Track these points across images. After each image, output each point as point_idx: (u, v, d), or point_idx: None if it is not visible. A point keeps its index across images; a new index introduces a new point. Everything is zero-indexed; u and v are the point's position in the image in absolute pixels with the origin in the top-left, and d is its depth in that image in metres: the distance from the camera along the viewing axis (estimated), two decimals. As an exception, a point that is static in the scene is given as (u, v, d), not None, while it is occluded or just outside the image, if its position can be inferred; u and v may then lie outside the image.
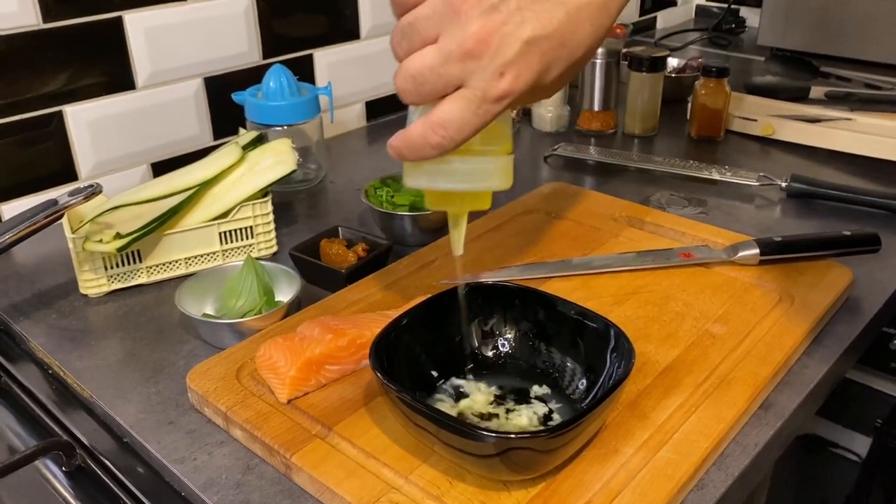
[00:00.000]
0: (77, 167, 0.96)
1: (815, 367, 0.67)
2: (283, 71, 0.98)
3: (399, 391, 0.52)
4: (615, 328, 0.57)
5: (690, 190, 1.02)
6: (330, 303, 0.74)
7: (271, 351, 0.62)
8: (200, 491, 0.55)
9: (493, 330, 0.64)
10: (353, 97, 1.24)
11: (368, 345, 0.63)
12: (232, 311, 0.73)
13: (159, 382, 0.67)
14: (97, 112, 0.96)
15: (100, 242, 0.74)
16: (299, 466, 0.55)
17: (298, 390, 0.61)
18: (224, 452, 0.59)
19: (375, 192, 0.90)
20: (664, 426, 0.57)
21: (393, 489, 0.52)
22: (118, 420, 0.63)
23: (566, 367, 0.61)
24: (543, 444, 0.50)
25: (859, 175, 1.06)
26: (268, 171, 0.83)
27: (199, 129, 1.06)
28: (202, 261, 0.82)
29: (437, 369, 0.62)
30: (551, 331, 0.62)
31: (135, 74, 0.97)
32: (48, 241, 0.89)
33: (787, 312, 0.71)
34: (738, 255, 0.77)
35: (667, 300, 0.73)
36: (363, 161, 1.15)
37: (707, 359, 0.65)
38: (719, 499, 0.54)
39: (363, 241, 0.83)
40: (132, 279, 0.80)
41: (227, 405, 0.60)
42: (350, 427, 0.58)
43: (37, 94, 0.90)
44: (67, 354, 0.71)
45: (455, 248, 0.61)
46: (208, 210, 0.81)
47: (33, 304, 0.79)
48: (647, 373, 0.63)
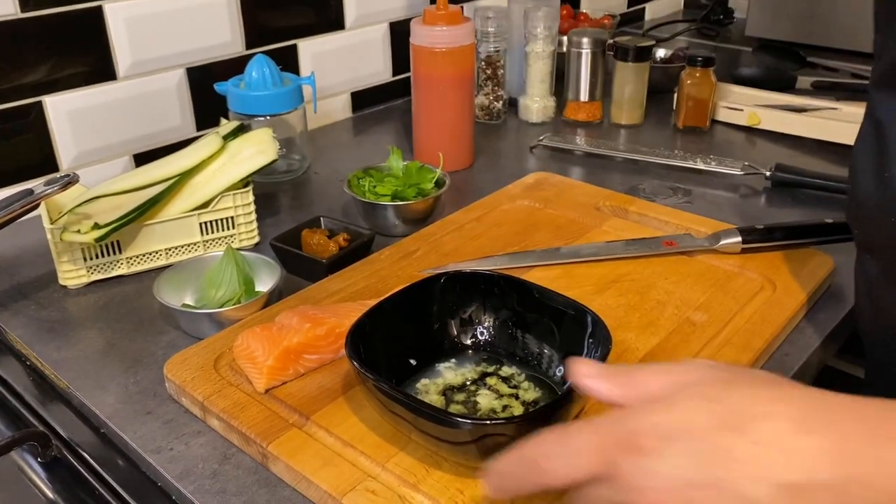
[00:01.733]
0: (58, 158, 0.95)
1: (796, 354, 0.67)
2: (266, 61, 0.97)
3: (376, 380, 0.51)
4: (592, 314, 0.57)
5: (676, 179, 1.02)
6: (310, 293, 0.73)
7: (249, 340, 0.62)
8: (176, 480, 0.55)
9: (471, 318, 0.64)
10: (338, 88, 1.24)
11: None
12: (211, 302, 0.72)
13: (138, 373, 0.67)
14: (78, 103, 0.95)
15: (78, 233, 0.74)
16: (276, 455, 0.54)
17: (276, 379, 0.60)
18: (201, 442, 0.59)
19: (358, 181, 0.90)
20: (643, 413, 0.57)
21: (369, 477, 0.52)
22: (95, 411, 0.63)
23: (544, 353, 0.61)
24: (519, 430, 0.49)
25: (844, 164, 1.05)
26: (248, 161, 0.82)
27: (182, 120, 1.05)
28: (183, 251, 0.81)
29: (416, 357, 0.62)
30: (529, 319, 0.62)
31: (116, 65, 0.97)
32: (27, 233, 0.88)
33: (769, 300, 0.71)
34: (720, 243, 0.77)
35: (648, 288, 0.73)
36: (348, 152, 1.15)
37: (688, 346, 0.65)
38: (697, 485, 0.54)
39: (345, 231, 0.82)
40: (112, 270, 0.79)
41: (204, 395, 0.60)
42: (328, 416, 0.57)
43: (15, 85, 0.89)
44: (45, 346, 0.70)
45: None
46: (189, 200, 0.81)
47: (12, 296, 0.78)
48: (627, 360, 0.63)
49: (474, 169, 1.07)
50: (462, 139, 1.05)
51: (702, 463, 0.34)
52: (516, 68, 1.25)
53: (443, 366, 0.62)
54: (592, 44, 1.17)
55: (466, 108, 1.03)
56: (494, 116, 1.22)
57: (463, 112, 1.03)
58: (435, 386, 0.60)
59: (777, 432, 0.34)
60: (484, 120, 1.22)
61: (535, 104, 1.21)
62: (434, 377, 0.61)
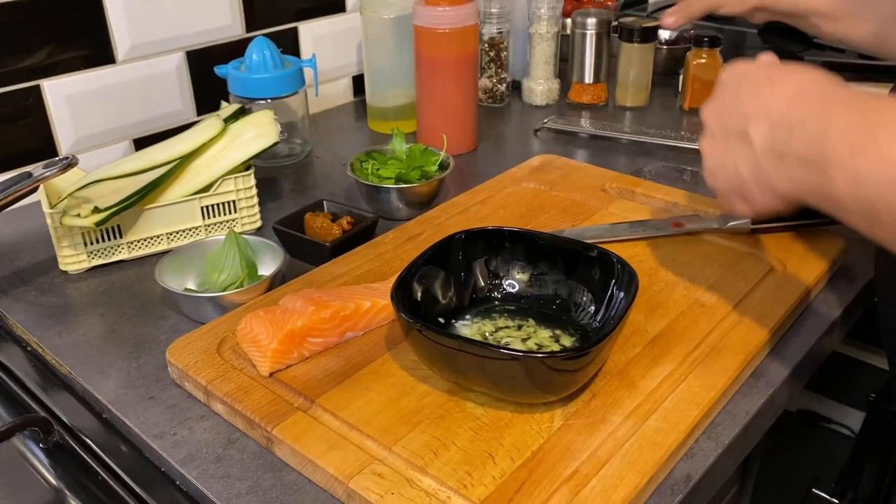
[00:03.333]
0: (57, 143, 0.94)
1: (806, 335, 0.66)
2: (267, 43, 0.96)
3: (438, 329, 0.55)
4: (616, 257, 0.61)
5: (682, 161, 1.00)
6: (314, 276, 0.72)
7: (252, 324, 0.61)
8: (180, 466, 0.54)
9: (498, 272, 0.65)
10: (340, 71, 1.22)
11: (352, 317, 0.63)
12: (214, 286, 0.71)
13: (140, 358, 0.66)
14: (77, 87, 0.93)
15: (78, 217, 0.73)
16: (281, 439, 0.53)
17: (280, 363, 0.59)
18: (205, 427, 0.58)
19: (361, 165, 0.89)
20: (653, 395, 0.56)
21: (376, 460, 0.51)
22: (97, 396, 0.62)
23: (573, 301, 0.63)
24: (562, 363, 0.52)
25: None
26: (250, 144, 0.81)
27: (182, 105, 1.03)
28: (184, 236, 0.80)
29: (444, 316, 0.63)
30: (556, 268, 0.64)
31: (115, 48, 0.95)
32: (27, 219, 0.87)
33: (779, 281, 0.69)
34: (729, 224, 0.76)
35: (656, 269, 0.72)
36: (350, 136, 1.13)
37: (697, 328, 0.64)
38: (709, 467, 0.53)
39: (348, 215, 0.81)
40: (113, 255, 0.78)
41: (207, 379, 0.59)
42: (333, 399, 0.57)
43: (13, 69, 0.88)
44: (46, 331, 0.70)
45: None
46: (190, 184, 0.80)
47: (12, 282, 0.77)
48: (635, 342, 0.62)
49: (478, 152, 1.06)
50: (466, 122, 1.04)
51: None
52: (520, 50, 1.23)
53: (469, 319, 0.64)
54: (597, 25, 1.16)
55: (470, 90, 1.02)
56: (498, 99, 1.21)
57: (466, 94, 1.02)
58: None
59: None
60: (487, 103, 1.21)
61: (539, 86, 1.20)
62: (462, 330, 0.63)
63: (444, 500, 0.48)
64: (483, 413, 0.55)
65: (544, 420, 0.54)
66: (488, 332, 0.62)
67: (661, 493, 0.51)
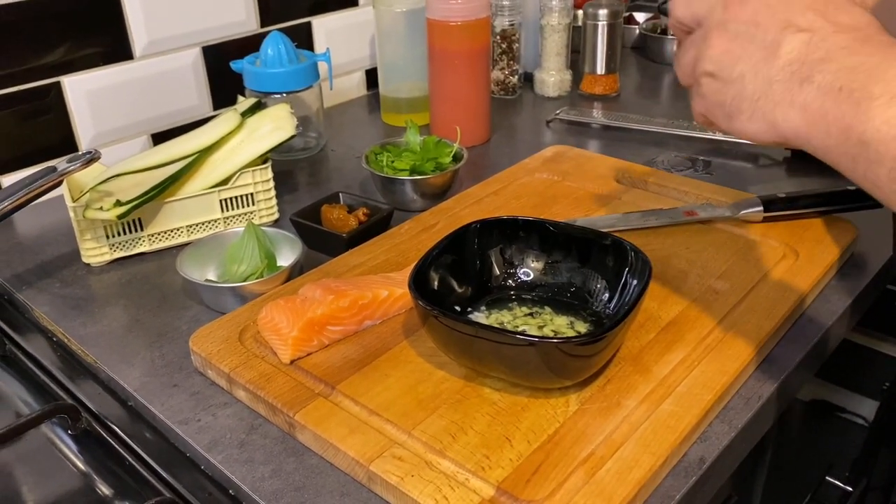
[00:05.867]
0: (77, 138, 0.95)
1: (819, 321, 0.67)
2: (282, 38, 0.97)
3: (455, 316, 0.57)
4: (630, 245, 0.62)
5: (694, 151, 1.01)
6: (331, 267, 0.73)
7: (273, 313, 0.62)
8: (205, 451, 0.56)
9: (512, 260, 0.66)
10: (353, 65, 1.23)
11: (370, 306, 0.64)
12: (234, 277, 0.73)
13: (163, 347, 0.67)
14: (95, 83, 0.95)
15: (100, 210, 0.74)
16: (303, 424, 0.55)
17: (301, 351, 0.61)
18: (228, 413, 0.59)
19: (376, 157, 0.90)
20: (667, 380, 0.57)
21: (396, 444, 0.53)
22: (123, 384, 0.63)
23: (587, 289, 0.64)
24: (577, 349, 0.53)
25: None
26: (267, 137, 0.82)
27: (199, 99, 1.05)
28: (203, 228, 0.82)
29: (459, 304, 0.64)
30: (570, 257, 0.65)
31: (132, 44, 0.97)
32: (49, 213, 0.89)
33: (791, 268, 0.70)
34: (741, 212, 0.77)
35: (669, 257, 0.72)
36: (364, 130, 1.14)
37: (710, 314, 0.65)
38: (722, 450, 0.54)
39: (364, 206, 0.82)
40: (134, 247, 0.80)
41: (230, 367, 0.60)
42: (353, 385, 0.58)
43: (34, 65, 0.90)
44: (71, 322, 0.71)
45: None
46: (208, 177, 0.81)
47: (36, 274, 0.79)
48: (649, 328, 0.63)
49: (491, 144, 1.06)
50: (478, 114, 1.04)
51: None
52: (531, 42, 1.24)
53: (484, 309, 0.65)
54: (609, 16, 1.16)
55: (482, 82, 1.03)
56: (510, 91, 1.21)
57: (479, 86, 1.02)
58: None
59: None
60: (499, 95, 1.22)
61: (551, 78, 1.21)
62: (478, 319, 0.64)
63: (463, 482, 0.50)
64: (499, 398, 0.56)
65: (560, 404, 0.55)
66: (505, 321, 0.63)
67: (676, 474, 0.52)
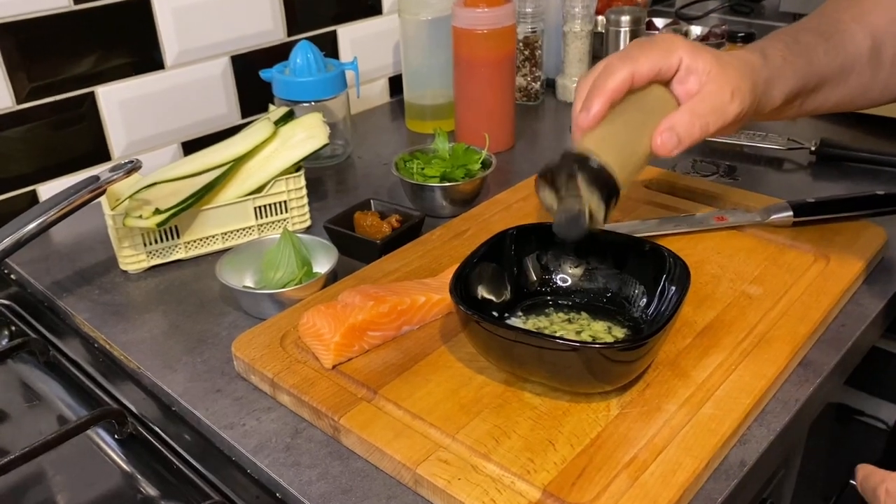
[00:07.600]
0: (110, 147, 0.97)
1: (852, 325, 0.67)
2: (311, 47, 0.98)
3: (496, 321, 0.58)
4: (668, 251, 0.63)
5: (719, 156, 1.02)
6: (366, 273, 0.75)
7: (315, 318, 0.63)
8: (252, 455, 0.57)
9: (549, 266, 0.67)
10: (377, 73, 1.25)
11: (409, 311, 0.65)
12: (271, 283, 0.74)
13: (204, 353, 0.68)
14: (128, 92, 0.97)
15: (139, 218, 0.76)
16: (348, 428, 0.56)
17: (342, 356, 0.62)
18: (272, 417, 0.60)
19: (405, 164, 0.91)
20: (705, 384, 0.58)
21: (441, 448, 0.53)
22: (167, 389, 0.65)
23: (624, 295, 0.65)
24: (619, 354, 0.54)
25: (885, 137, 1.05)
26: (300, 146, 0.84)
27: (228, 108, 1.06)
28: (238, 235, 0.83)
29: (497, 310, 0.65)
30: (606, 263, 0.66)
31: (163, 54, 0.98)
32: (85, 222, 0.90)
33: (823, 272, 0.71)
34: (771, 218, 0.77)
35: (702, 263, 0.73)
36: (388, 136, 1.16)
37: (745, 319, 0.65)
38: (762, 453, 0.55)
39: (396, 213, 0.83)
40: (170, 255, 0.81)
41: (273, 372, 0.61)
42: (394, 390, 0.59)
43: (69, 76, 0.91)
44: (112, 328, 0.73)
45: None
46: (243, 185, 0.82)
47: (75, 281, 0.80)
48: (685, 333, 0.64)
49: (515, 150, 1.07)
50: (503, 120, 1.05)
51: None
52: (554, 48, 1.25)
53: (522, 315, 0.66)
54: (630, 22, 1.17)
55: (508, 89, 1.04)
56: (532, 97, 1.22)
57: (504, 93, 1.04)
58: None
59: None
60: (522, 101, 1.23)
61: (573, 84, 1.22)
62: (516, 324, 0.65)
63: (509, 485, 0.50)
64: (540, 402, 0.57)
65: (601, 409, 0.56)
66: (543, 327, 0.64)
67: (717, 478, 0.53)
